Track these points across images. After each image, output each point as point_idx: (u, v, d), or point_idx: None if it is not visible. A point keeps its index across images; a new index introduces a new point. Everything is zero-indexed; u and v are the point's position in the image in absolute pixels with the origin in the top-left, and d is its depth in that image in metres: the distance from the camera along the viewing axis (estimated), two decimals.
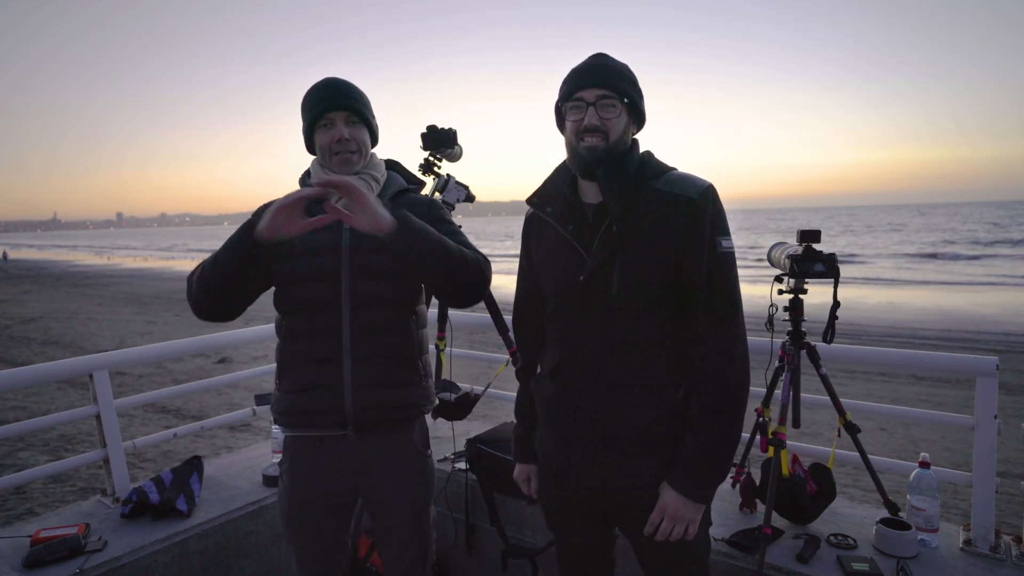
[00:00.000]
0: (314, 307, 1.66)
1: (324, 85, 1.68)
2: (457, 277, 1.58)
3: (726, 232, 1.47)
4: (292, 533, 1.78)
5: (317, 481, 1.73)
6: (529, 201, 1.62)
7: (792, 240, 2.28)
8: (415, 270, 1.57)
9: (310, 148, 1.74)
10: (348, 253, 1.65)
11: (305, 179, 1.76)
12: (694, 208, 1.44)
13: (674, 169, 1.52)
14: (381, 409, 1.69)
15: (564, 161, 1.59)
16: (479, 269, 1.63)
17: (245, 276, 1.57)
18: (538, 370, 1.71)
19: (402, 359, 1.71)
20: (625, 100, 1.46)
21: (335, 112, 1.65)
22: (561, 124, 1.55)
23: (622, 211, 1.45)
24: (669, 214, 1.45)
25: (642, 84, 1.54)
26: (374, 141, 1.78)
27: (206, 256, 1.66)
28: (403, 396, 1.72)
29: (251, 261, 1.54)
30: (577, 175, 1.55)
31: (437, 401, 2.62)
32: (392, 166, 1.88)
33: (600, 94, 1.45)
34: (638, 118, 1.53)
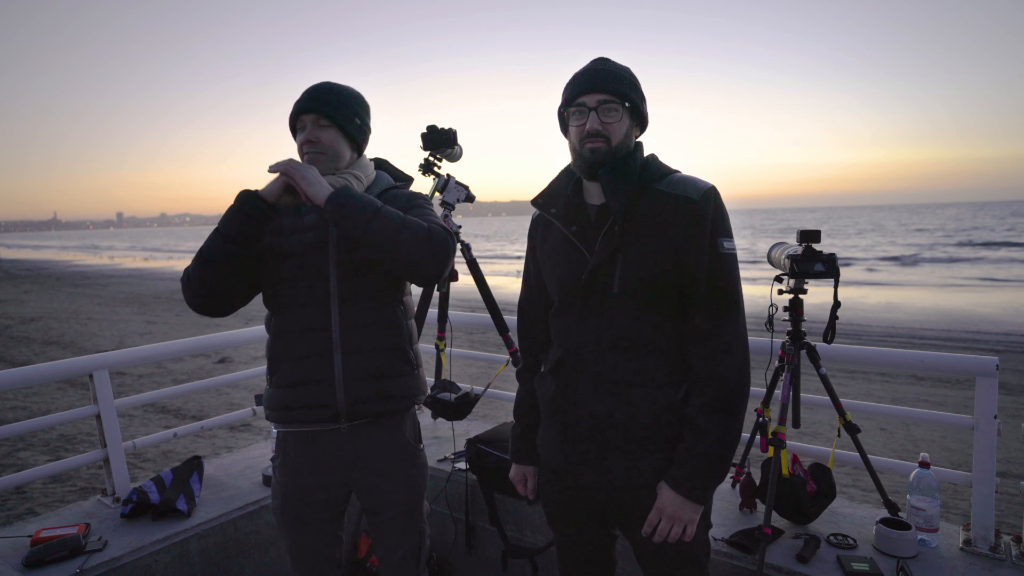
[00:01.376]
0: (303, 304, 1.69)
1: (308, 89, 1.71)
2: (401, 244, 1.54)
3: (728, 233, 1.48)
4: (285, 528, 1.79)
5: (309, 476, 1.75)
6: (534, 202, 1.64)
7: (792, 240, 2.29)
8: (363, 244, 1.57)
9: None
10: (335, 250, 1.68)
11: None
12: (696, 209, 1.44)
13: (677, 171, 1.53)
14: (373, 401, 1.71)
15: (569, 163, 1.60)
16: (426, 235, 1.56)
17: (248, 242, 1.60)
18: (541, 369, 1.72)
19: (392, 350, 1.74)
20: (627, 104, 1.47)
21: (305, 115, 1.69)
22: (564, 128, 1.56)
23: (624, 211, 1.45)
24: (671, 215, 1.45)
25: (643, 86, 1.54)
26: (357, 145, 1.76)
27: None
28: (395, 386, 1.74)
29: (256, 222, 1.58)
30: (581, 177, 1.56)
31: (429, 390, 2.61)
32: (380, 164, 1.91)
33: (602, 99, 1.45)
34: (640, 121, 1.54)
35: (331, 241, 1.69)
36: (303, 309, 1.69)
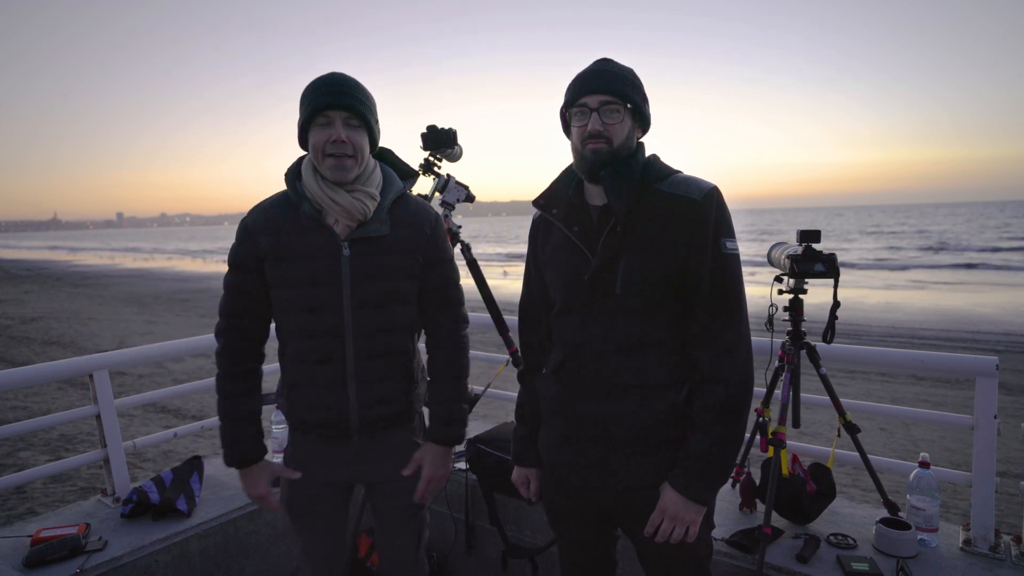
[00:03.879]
0: (317, 335, 1.66)
1: (328, 80, 1.56)
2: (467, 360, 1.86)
3: (731, 234, 1.47)
4: (294, 521, 1.83)
5: (316, 471, 1.77)
6: (535, 203, 1.63)
7: (792, 240, 2.29)
8: None
9: (303, 145, 1.63)
10: (349, 284, 1.63)
11: (293, 178, 1.66)
12: (698, 209, 1.44)
13: (679, 172, 1.53)
14: (383, 419, 1.74)
15: (570, 164, 1.60)
16: (467, 350, 1.85)
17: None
18: (543, 370, 1.72)
19: (402, 376, 1.75)
20: (628, 105, 1.47)
21: (335, 111, 1.54)
22: (566, 129, 1.56)
23: (626, 212, 1.45)
24: (673, 215, 1.45)
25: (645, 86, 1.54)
26: (373, 146, 1.67)
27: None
28: (403, 405, 1.77)
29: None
30: (583, 178, 1.56)
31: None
32: (383, 155, 1.79)
33: (603, 100, 1.45)
34: (642, 122, 1.54)
35: (344, 273, 1.63)
36: (317, 340, 1.66)
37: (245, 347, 1.72)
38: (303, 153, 1.69)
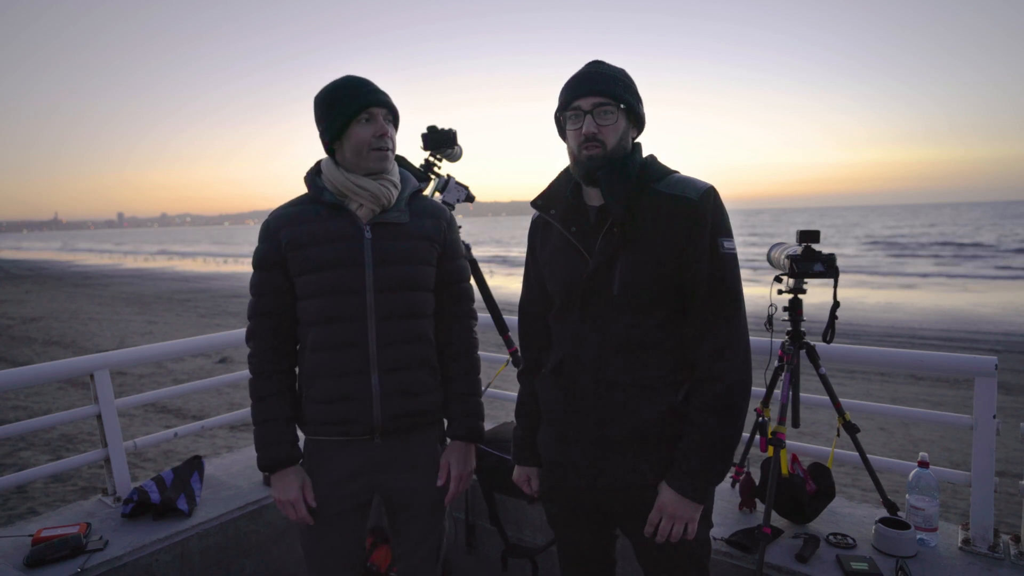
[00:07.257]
0: (339, 320, 1.66)
1: (359, 81, 1.65)
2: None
3: (728, 233, 1.48)
4: (307, 536, 1.76)
5: (336, 486, 1.72)
6: (534, 204, 1.64)
7: (791, 240, 2.29)
8: None
9: (335, 145, 1.66)
10: (372, 266, 1.65)
11: (315, 178, 1.70)
12: (695, 209, 1.45)
13: (676, 172, 1.53)
14: (407, 416, 1.71)
15: (568, 165, 1.60)
16: (478, 346, 1.88)
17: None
18: (542, 370, 1.72)
19: (426, 367, 1.74)
20: (622, 106, 1.47)
21: (377, 108, 1.63)
22: (562, 132, 1.57)
23: (623, 213, 1.46)
24: (670, 216, 1.46)
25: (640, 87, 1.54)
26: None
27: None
28: (427, 402, 1.75)
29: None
30: (580, 182, 1.56)
31: None
32: (400, 162, 1.92)
33: (596, 102, 1.46)
34: (637, 122, 1.54)
35: (367, 256, 1.65)
36: (339, 325, 1.65)
37: (275, 347, 1.72)
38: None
